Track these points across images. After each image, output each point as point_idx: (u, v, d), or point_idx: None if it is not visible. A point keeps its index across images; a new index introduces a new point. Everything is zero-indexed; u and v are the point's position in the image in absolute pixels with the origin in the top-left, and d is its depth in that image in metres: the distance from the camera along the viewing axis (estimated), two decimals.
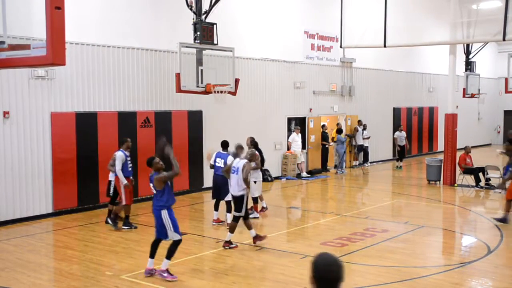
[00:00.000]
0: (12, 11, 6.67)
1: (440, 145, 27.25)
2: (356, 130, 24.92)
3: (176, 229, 9.40)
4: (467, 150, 20.49)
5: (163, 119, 17.41)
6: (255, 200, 14.61)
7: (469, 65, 29.27)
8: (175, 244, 9.37)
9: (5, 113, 13.84)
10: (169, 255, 9.34)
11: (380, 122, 26.44)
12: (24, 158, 14.24)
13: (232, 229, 11.55)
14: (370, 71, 26.03)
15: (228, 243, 11.52)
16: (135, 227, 13.34)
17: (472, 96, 29.36)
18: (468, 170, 20.14)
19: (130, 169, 11.85)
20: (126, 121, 16.40)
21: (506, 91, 23.52)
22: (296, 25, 22.25)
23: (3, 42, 6.60)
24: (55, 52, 6.34)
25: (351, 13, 21.66)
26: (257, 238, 11.62)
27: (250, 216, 13.00)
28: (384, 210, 16.62)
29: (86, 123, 15.54)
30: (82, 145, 15.47)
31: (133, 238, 12.87)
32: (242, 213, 11.49)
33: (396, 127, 26.82)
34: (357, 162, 25.27)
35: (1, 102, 13.77)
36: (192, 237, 12.79)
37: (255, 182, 14.12)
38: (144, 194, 16.14)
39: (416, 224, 14.54)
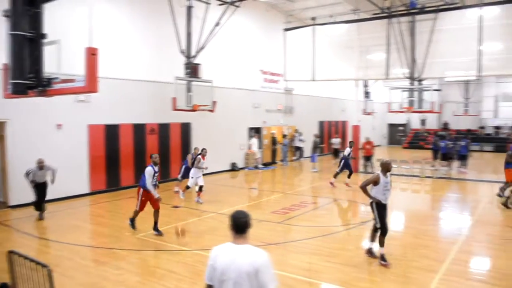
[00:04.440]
0: (63, 56, 6.59)
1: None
2: (294, 136, 25.09)
3: None
4: (367, 140, 20.77)
5: (164, 129, 17.31)
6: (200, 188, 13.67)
7: (367, 93, 29.73)
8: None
9: (59, 125, 13.81)
10: None
11: (311, 131, 26.59)
12: (70, 155, 14.02)
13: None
14: (304, 96, 26.16)
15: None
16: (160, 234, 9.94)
17: (369, 114, 29.83)
18: (366, 158, 20.58)
19: (154, 182, 9.99)
20: (139, 130, 16.28)
21: (389, 111, 23.93)
22: (255, 65, 22.28)
23: (57, 78, 6.52)
24: (90, 84, 6.27)
25: (291, 58, 21.77)
26: None
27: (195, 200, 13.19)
28: (313, 190, 16.74)
29: (111, 131, 15.32)
30: (109, 146, 15.24)
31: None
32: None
33: (322, 135, 27.09)
34: (295, 158, 25.39)
35: (57, 117, 13.69)
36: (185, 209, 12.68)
37: (192, 177, 13.57)
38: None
39: (333, 198, 14.68)
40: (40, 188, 11.53)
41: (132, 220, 10.21)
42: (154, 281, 7.11)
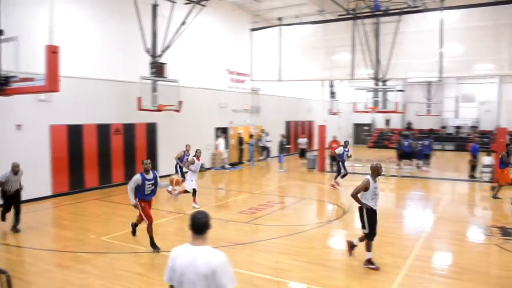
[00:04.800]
0: (22, 54, 6.40)
1: (315, 145, 27.85)
2: (260, 136, 25.17)
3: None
4: (334, 139, 21.04)
5: (129, 129, 17.01)
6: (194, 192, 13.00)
7: (332, 94, 30.12)
8: None
9: (18, 125, 13.32)
10: None
11: (277, 131, 26.73)
12: (31, 156, 13.49)
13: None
14: (270, 96, 26.27)
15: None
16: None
17: (335, 114, 30.24)
18: (332, 157, 20.81)
19: (148, 192, 8.66)
20: (103, 131, 15.95)
21: (354, 111, 24.32)
22: (222, 65, 22.24)
23: (16, 76, 6.33)
24: (51, 83, 6.11)
25: (257, 58, 21.83)
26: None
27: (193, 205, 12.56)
28: (280, 189, 16.84)
29: (74, 132, 14.92)
30: (72, 147, 14.85)
31: (108, 211, 12.47)
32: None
33: (288, 135, 27.30)
34: (262, 157, 25.47)
35: (16, 117, 13.21)
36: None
37: (191, 180, 12.79)
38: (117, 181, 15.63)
39: (300, 197, 14.82)
40: (14, 195, 10.12)
41: (134, 226, 9.28)
42: (120, 284, 7.00)
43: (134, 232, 9.34)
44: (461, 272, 7.56)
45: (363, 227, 7.82)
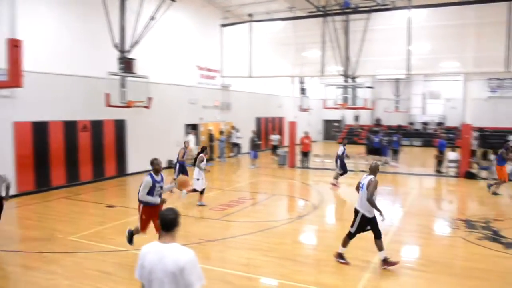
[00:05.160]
0: None
1: (286, 141, 28.02)
2: (231, 132, 25.13)
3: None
4: (305, 134, 21.24)
5: (97, 126, 16.70)
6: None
7: (303, 90, 30.37)
8: None
9: None
10: None
11: (248, 127, 26.77)
12: None
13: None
14: (241, 92, 26.28)
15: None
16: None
17: (305, 110, 30.49)
18: (303, 153, 21.06)
19: (157, 196, 7.78)
20: (70, 127, 15.61)
21: (324, 107, 24.63)
22: (192, 61, 22.10)
23: None
24: (13, 78, 5.96)
25: (228, 54, 21.79)
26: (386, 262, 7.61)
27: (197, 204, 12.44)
28: (251, 185, 16.90)
29: (40, 129, 14.55)
30: (37, 145, 14.48)
31: (76, 210, 12.25)
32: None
33: (259, 132, 27.38)
34: (233, 154, 25.46)
35: None
36: (119, 208, 12.41)
37: (198, 179, 12.48)
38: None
39: (271, 194, 14.91)
40: None
41: (131, 234, 8.17)
42: (88, 284, 6.90)
43: (130, 241, 8.15)
44: (428, 264, 7.78)
45: (352, 226, 7.77)
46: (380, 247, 7.57)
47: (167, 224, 3.44)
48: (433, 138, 31.11)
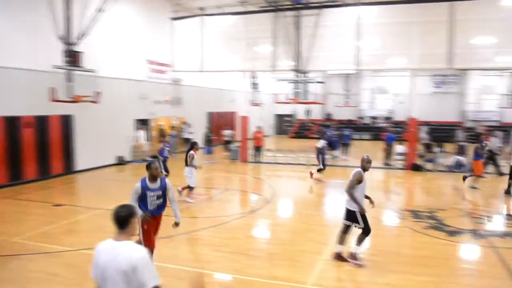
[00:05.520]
0: None
1: (238, 136, 28.09)
2: (182, 127, 24.91)
3: None
4: (258, 129, 21.36)
5: (41, 122, 15.98)
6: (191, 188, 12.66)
7: (254, 85, 30.50)
8: None
9: None
10: None
11: (200, 122, 26.62)
12: None
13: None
14: (193, 87, 26.04)
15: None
16: None
17: (257, 105, 30.60)
18: (256, 148, 21.21)
19: (153, 207, 6.76)
20: (11, 124, 14.84)
21: (276, 102, 24.86)
22: (142, 55, 21.61)
23: None
24: None
25: (179, 48, 21.56)
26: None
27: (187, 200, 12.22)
28: (204, 180, 16.80)
29: None
30: None
31: (19, 210, 11.76)
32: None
33: (211, 126, 27.27)
34: (186, 149, 25.18)
35: None
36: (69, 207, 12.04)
37: (191, 177, 12.49)
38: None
39: (224, 188, 14.93)
40: None
41: None
42: (33, 287, 6.67)
43: None
44: (377, 254, 8.07)
45: (357, 222, 7.43)
46: (359, 242, 7.53)
47: (120, 221, 3.37)
48: (382, 132, 32.10)
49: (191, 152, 12.58)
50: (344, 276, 7.21)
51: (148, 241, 6.63)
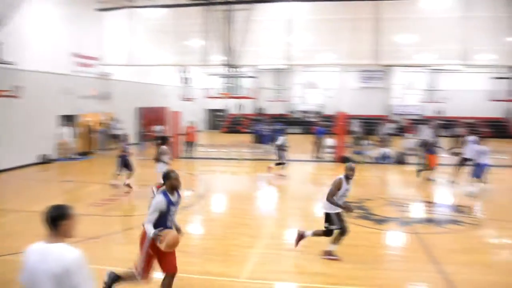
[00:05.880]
0: None
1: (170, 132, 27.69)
2: (110, 123, 24.16)
3: None
4: (190, 124, 21.22)
5: None
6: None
7: (186, 79, 30.22)
8: None
9: None
10: None
11: (129, 117, 25.97)
12: None
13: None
14: (122, 81, 25.26)
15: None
16: None
17: (188, 100, 30.35)
18: (188, 143, 21.04)
19: (171, 223, 5.69)
20: None
21: (208, 97, 24.81)
22: (67, 48, 20.57)
23: None
24: None
25: (107, 41, 20.87)
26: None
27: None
28: (135, 177, 16.43)
29: None
30: None
31: None
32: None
33: (142, 122, 26.67)
34: (113, 146, 24.47)
35: None
36: None
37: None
38: None
39: (154, 185, 14.65)
40: None
41: (113, 281, 5.90)
42: None
43: None
44: (309, 245, 8.29)
45: (332, 224, 7.51)
46: (336, 241, 7.62)
47: (51, 221, 3.19)
48: (312, 125, 32.97)
49: (163, 147, 12.24)
50: (276, 268, 7.36)
51: (147, 271, 5.66)
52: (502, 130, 34.82)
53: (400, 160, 19.10)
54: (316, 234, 7.84)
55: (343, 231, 7.63)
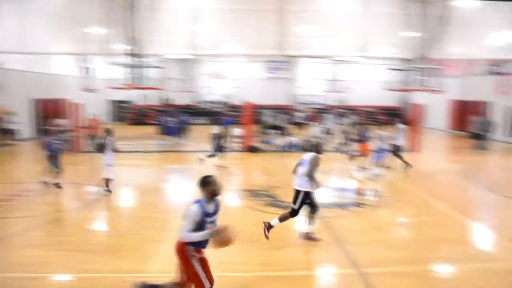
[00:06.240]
0: None
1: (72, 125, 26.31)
2: (2, 117, 22.39)
3: None
4: (93, 117, 20.35)
5: None
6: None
7: (87, 69, 28.85)
8: None
9: None
10: None
11: (25, 110, 24.23)
12: None
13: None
14: (16, 71, 23.40)
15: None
16: None
17: (90, 90, 28.84)
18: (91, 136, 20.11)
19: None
20: None
21: (111, 88, 23.82)
22: None
23: None
24: None
25: None
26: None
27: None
28: (35, 175, 15.45)
29: None
30: None
31: None
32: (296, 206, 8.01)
33: (41, 115, 24.99)
34: (8, 141, 22.73)
35: None
36: None
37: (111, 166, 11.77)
38: None
39: (61, 182, 13.93)
40: None
41: None
42: None
43: None
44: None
45: (294, 203, 8.01)
46: (311, 221, 8.14)
47: None
48: (219, 116, 33.11)
49: (111, 138, 11.86)
50: None
51: (211, 278, 5.49)
52: (397, 118, 37.49)
53: (305, 148, 19.87)
54: (283, 219, 8.17)
55: (314, 209, 8.11)
